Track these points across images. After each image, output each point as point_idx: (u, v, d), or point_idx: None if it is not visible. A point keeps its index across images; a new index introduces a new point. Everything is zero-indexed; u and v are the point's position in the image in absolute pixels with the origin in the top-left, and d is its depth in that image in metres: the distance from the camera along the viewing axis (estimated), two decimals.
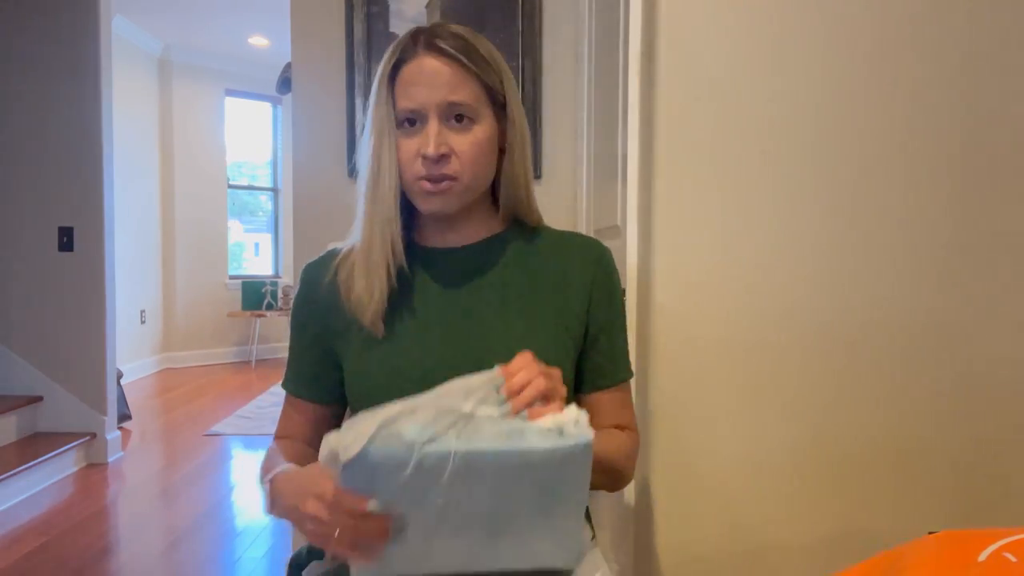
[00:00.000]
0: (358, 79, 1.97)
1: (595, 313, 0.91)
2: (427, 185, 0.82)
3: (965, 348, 1.21)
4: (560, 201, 1.97)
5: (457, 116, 0.82)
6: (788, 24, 1.21)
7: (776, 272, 1.23)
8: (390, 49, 0.84)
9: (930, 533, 0.61)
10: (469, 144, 0.82)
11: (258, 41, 5.81)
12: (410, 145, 0.82)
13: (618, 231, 1.30)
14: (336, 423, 0.93)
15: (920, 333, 1.22)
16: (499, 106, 0.86)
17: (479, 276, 0.89)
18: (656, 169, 1.23)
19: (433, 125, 0.81)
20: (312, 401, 0.93)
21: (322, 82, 2.00)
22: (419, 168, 0.82)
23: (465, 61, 0.82)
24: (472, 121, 0.83)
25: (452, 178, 0.82)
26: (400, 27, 2.01)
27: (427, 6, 2.01)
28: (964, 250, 1.21)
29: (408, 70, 0.82)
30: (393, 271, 0.85)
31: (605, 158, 1.51)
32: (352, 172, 2.01)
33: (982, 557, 0.50)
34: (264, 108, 6.76)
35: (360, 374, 0.87)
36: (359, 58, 1.98)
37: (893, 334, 1.22)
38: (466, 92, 0.82)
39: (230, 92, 6.37)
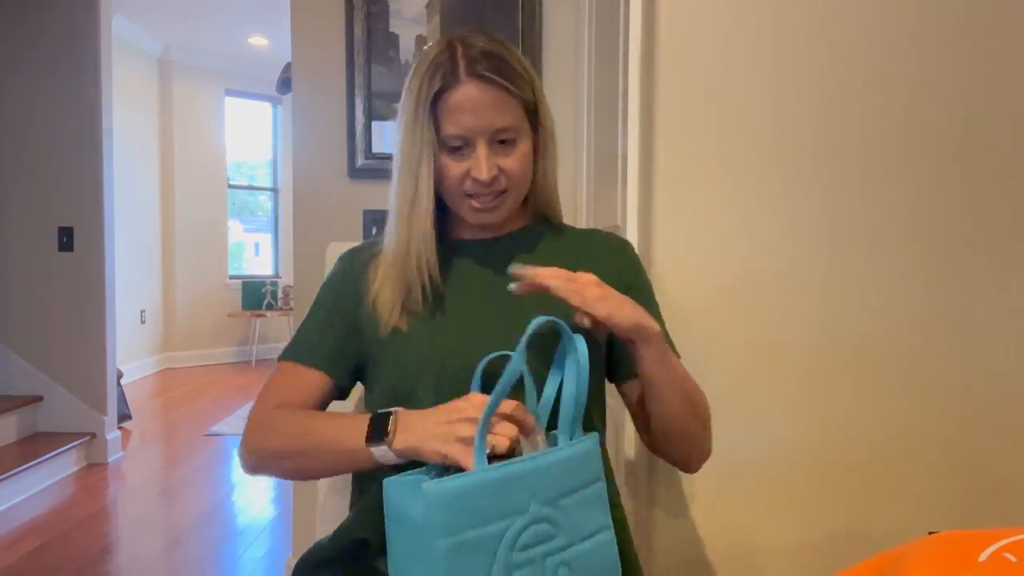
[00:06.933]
0: (358, 79, 1.97)
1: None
2: (476, 204, 0.89)
3: (966, 348, 1.21)
4: (560, 201, 1.96)
5: (502, 140, 0.87)
6: (788, 24, 1.21)
7: (776, 272, 1.23)
8: (427, 70, 0.86)
9: (930, 533, 0.61)
10: (516, 162, 0.88)
11: (258, 41, 5.81)
12: (459, 168, 0.87)
13: (617, 231, 1.30)
14: (337, 399, 0.96)
15: (921, 333, 1.22)
16: (532, 114, 0.91)
17: (512, 264, 0.93)
18: (656, 169, 1.23)
19: (482, 150, 0.86)
20: (326, 373, 0.93)
21: (322, 82, 2.00)
22: (469, 187, 0.88)
23: (508, 86, 0.86)
24: (515, 140, 0.88)
25: (503, 191, 0.89)
26: (400, 27, 2.01)
27: (427, 6, 2.01)
28: (965, 251, 1.21)
29: (454, 98, 0.85)
30: (429, 289, 0.90)
31: (605, 158, 1.51)
32: (352, 172, 2.02)
33: (982, 557, 0.50)
34: (264, 108, 6.76)
35: (401, 360, 0.88)
36: (359, 58, 1.98)
37: (893, 334, 1.22)
38: (510, 115, 0.86)
39: (230, 92, 6.37)
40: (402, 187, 0.88)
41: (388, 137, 2.00)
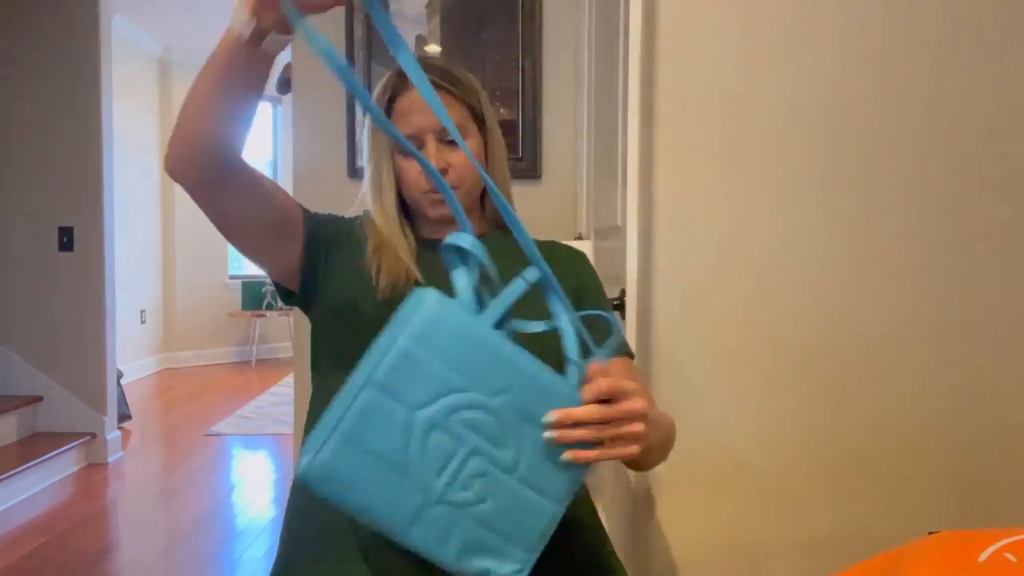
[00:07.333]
0: (358, 79, 1.97)
1: (587, 308, 0.99)
2: (435, 196, 0.95)
3: (966, 349, 1.21)
4: (560, 201, 1.96)
5: (450, 137, 0.93)
6: (788, 24, 1.21)
7: (776, 273, 1.23)
8: (381, 85, 0.96)
9: (930, 533, 0.61)
10: (464, 157, 0.94)
11: None
12: (414, 167, 0.95)
13: (618, 231, 1.30)
14: (278, 226, 0.92)
15: (921, 333, 1.22)
16: (480, 122, 0.99)
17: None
18: (656, 169, 1.23)
19: (432, 146, 0.93)
20: (304, 216, 0.95)
21: (322, 82, 2.00)
22: (424, 184, 0.95)
23: (451, 88, 0.95)
24: (462, 138, 0.93)
25: (454, 187, 0.95)
26: (400, 27, 2.00)
27: (427, 6, 2.01)
28: (965, 251, 1.21)
29: (403, 102, 0.94)
30: (414, 255, 0.95)
31: (605, 158, 1.51)
32: (352, 172, 2.02)
33: (982, 557, 0.50)
34: (264, 108, 6.76)
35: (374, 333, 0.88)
36: (359, 58, 1.98)
37: (893, 334, 1.22)
38: (455, 114, 0.95)
39: None
40: (371, 185, 0.97)
41: None
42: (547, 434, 0.66)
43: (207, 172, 0.78)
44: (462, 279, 0.69)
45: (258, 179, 0.85)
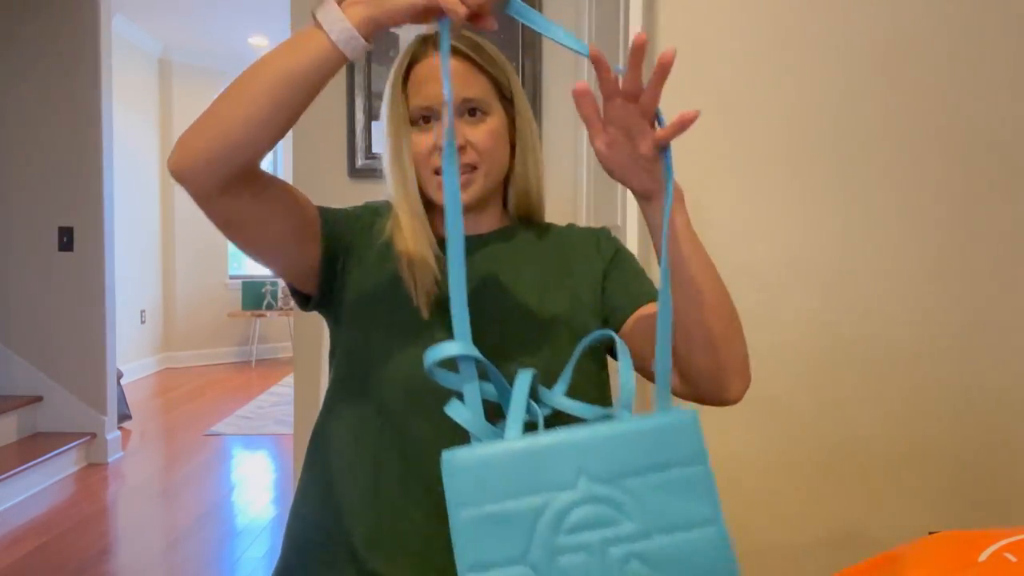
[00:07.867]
0: (358, 79, 1.97)
1: (612, 278, 0.90)
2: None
3: (966, 349, 1.21)
4: (560, 201, 1.96)
5: (470, 110, 0.83)
6: (788, 23, 1.21)
7: (777, 272, 1.23)
8: (400, 55, 0.86)
9: (930, 533, 0.61)
10: (484, 134, 0.83)
11: (258, 41, 5.81)
12: (425, 140, 0.83)
13: (618, 231, 1.30)
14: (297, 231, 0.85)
15: (921, 333, 1.22)
16: (507, 101, 0.87)
17: (492, 261, 0.89)
18: None
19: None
20: (320, 216, 0.87)
21: None
22: (435, 161, 0.83)
23: (475, 57, 0.83)
24: (485, 114, 0.84)
25: (471, 167, 0.84)
26: (400, 27, 2.01)
27: None
28: (965, 252, 1.21)
29: (420, 69, 0.84)
30: (438, 260, 0.84)
31: None
32: (352, 172, 2.02)
33: (982, 557, 0.50)
34: None
35: (391, 348, 0.83)
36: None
37: (893, 334, 1.22)
38: (478, 87, 0.83)
39: None
40: (389, 171, 0.85)
41: None
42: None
43: (234, 176, 0.71)
44: (462, 412, 0.63)
45: (273, 182, 0.79)
